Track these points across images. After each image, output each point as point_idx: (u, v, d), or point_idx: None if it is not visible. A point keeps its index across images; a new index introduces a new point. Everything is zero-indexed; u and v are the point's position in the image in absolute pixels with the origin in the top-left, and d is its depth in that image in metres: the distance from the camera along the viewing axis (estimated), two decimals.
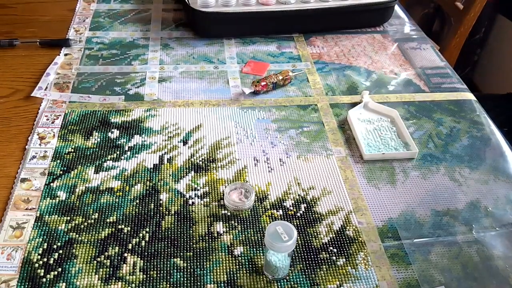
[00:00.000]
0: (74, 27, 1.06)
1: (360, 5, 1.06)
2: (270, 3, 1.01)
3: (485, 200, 0.72)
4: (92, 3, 1.15)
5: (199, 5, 0.99)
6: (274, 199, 0.70)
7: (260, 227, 0.66)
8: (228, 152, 0.77)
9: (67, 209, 0.67)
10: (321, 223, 0.67)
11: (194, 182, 0.72)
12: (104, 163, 0.74)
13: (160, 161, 0.74)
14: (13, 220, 0.65)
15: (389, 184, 0.73)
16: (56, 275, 0.59)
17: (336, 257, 0.63)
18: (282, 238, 0.55)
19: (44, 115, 0.82)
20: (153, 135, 0.79)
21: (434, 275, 0.61)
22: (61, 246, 0.62)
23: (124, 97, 0.87)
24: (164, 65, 0.96)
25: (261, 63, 0.98)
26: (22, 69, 0.93)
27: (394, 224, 0.67)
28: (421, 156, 0.78)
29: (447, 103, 0.90)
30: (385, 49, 1.05)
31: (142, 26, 1.08)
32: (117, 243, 0.63)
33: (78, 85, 0.89)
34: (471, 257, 0.64)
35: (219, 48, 1.02)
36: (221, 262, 0.61)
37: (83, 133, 0.79)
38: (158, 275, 0.59)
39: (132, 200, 0.68)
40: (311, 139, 0.80)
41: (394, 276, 0.61)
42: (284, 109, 0.86)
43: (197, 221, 0.66)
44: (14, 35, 1.00)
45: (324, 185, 0.72)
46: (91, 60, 0.96)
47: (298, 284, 0.60)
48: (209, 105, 0.86)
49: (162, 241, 0.63)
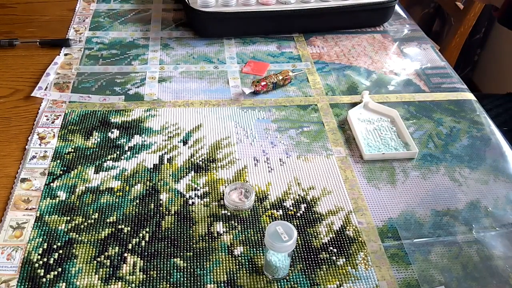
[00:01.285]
0: (74, 27, 1.06)
1: (360, 5, 1.06)
2: (270, 3, 1.01)
3: (485, 200, 0.72)
4: (92, 3, 1.15)
5: (199, 5, 0.99)
6: (274, 199, 0.70)
7: (260, 227, 0.66)
8: (228, 152, 0.77)
9: (67, 209, 0.67)
10: (321, 223, 0.67)
11: (194, 182, 0.72)
12: (104, 163, 0.74)
13: (160, 161, 0.74)
14: (13, 220, 0.65)
15: (389, 184, 0.73)
16: (56, 275, 0.59)
17: (336, 257, 0.63)
18: (282, 238, 0.55)
19: (44, 115, 0.82)
20: (153, 135, 0.79)
21: (434, 275, 0.61)
22: (61, 246, 0.62)
23: (124, 97, 0.87)
24: (164, 65, 0.96)
25: (261, 63, 0.98)
26: (22, 69, 0.93)
27: (394, 224, 0.67)
28: (421, 156, 0.78)
29: (447, 103, 0.90)
30: (385, 49, 1.05)
31: (142, 26, 1.08)
32: (117, 243, 0.63)
33: (78, 85, 0.89)
34: (471, 257, 0.64)
35: (219, 48, 1.02)
36: (221, 262, 0.61)
37: (83, 133, 0.79)
38: (158, 275, 0.59)
39: (132, 200, 0.68)
40: (311, 139, 0.80)
41: (394, 276, 0.61)
42: (284, 109, 0.86)
43: (197, 221, 0.66)
44: (14, 35, 1.00)
45: (324, 185, 0.72)
46: (91, 60, 0.96)
47: (298, 284, 0.60)
48: (209, 105, 0.86)
49: (162, 241, 0.63)
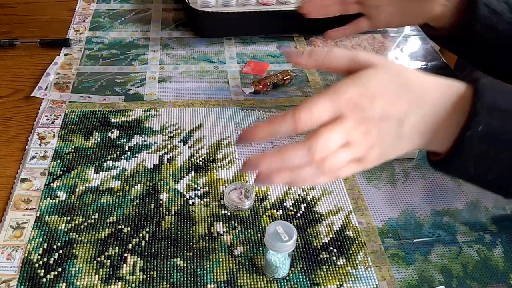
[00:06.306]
0: (74, 27, 1.06)
1: None
2: (270, 3, 1.01)
3: (485, 200, 0.72)
4: (92, 3, 1.15)
5: (199, 5, 0.99)
6: (274, 199, 0.70)
7: (260, 227, 0.66)
8: (228, 152, 0.77)
9: (67, 209, 0.67)
10: (321, 223, 0.67)
11: (194, 182, 0.72)
12: (104, 163, 0.74)
13: (160, 161, 0.74)
14: (13, 220, 0.65)
15: (389, 184, 0.73)
16: (56, 275, 0.59)
17: (336, 257, 0.63)
18: (282, 238, 0.55)
19: (44, 115, 0.82)
20: (153, 135, 0.79)
21: (434, 275, 0.61)
22: (61, 246, 0.62)
23: (124, 97, 0.87)
24: (164, 65, 0.96)
25: (261, 63, 0.98)
26: (22, 69, 0.93)
27: (394, 224, 0.67)
28: (421, 156, 0.78)
29: None
30: (385, 49, 1.05)
31: (142, 26, 1.08)
32: (117, 243, 0.63)
33: (78, 85, 0.89)
34: (471, 257, 0.64)
35: (219, 48, 1.02)
36: (221, 262, 0.61)
37: (83, 133, 0.79)
38: (158, 275, 0.59)
39: (132, 200, 0.68)
40: None
41: (394, 276, 0.61)
42: (284, 109, 0.86)
43: (197, 221, 0.66)
44: (14, 35, 1.00)
45: (324, 185, 0.72)
46: (91, 60, 0.96)
47: (298, 284, 0.60)
48: (209, 105, 0.86)
49: (162, 241, 0.63)
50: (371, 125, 0.45)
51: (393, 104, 0.45)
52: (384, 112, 0.45)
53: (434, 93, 0.47)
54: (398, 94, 0.46)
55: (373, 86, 0.45)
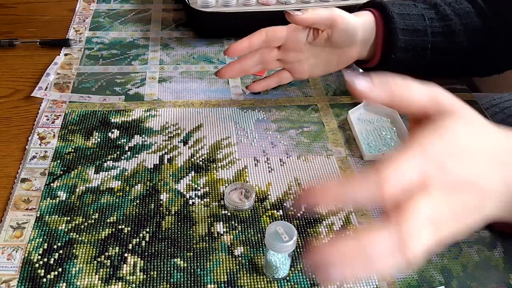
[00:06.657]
0: (74, 27, 1.06)
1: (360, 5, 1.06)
2: (270, 3, 1.01)
3: None
4: (92, 3, 1.15)
5: (199, 5, 0.99)
6: (274, 199, 0.70)
7: (261, 228, 0.66)
8: (228, 152, 0.77)
9: (67, 209, 0.67)
10: (321, 223, 0.67)
11: (194, 182, 0.72)
12: (104, 163, 0.74)
13: (160, 161, 0.74)
14: (13, 220, 0.65)
15: None
16: (56, 275, 0.59)
17: None
18: (283, 238, 0.56)
19: (44, 115, 0.82)
20: (153, 135, 0.79)
21: (434, 275, 0.61)
22: (61, 246, 0.62)
23: (124, 97, 0.87)
24: (164, 65, 0.96)
25: None
26: (22, 69, 0.93)
27: None
28: None
29: None
30: None
31: (142, 26, 1.08)
32: (118, 243, 0.63)
33: (78, 85, 0.89)
34: (471, 257, 0.64)
35: (219, 48, 1.02)
36: (222, 262, 0.61)
37: (83, 133, 0.79)
38: (158, 275, 0.59)
39: (132, 200, 0.68)
40: (311, 139, 0.80)
41: (394, 276, 0.61)
42: (284, 109, 0.86)
43: (197, 221, 0.66)
44: (14, 35, 1.00)
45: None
46: (91, 60, 0.96)
47: (298, 284, 0.60)
48: (209, 105, 0.86)
49: (162, 241, 0.63)
50: (457, 195, 0.37)
51: (481, 170, 0.38)
52: (472, 180, 0.37)
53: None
54: (489, 159, 0.38)
55: (463, 146, 0.37)
